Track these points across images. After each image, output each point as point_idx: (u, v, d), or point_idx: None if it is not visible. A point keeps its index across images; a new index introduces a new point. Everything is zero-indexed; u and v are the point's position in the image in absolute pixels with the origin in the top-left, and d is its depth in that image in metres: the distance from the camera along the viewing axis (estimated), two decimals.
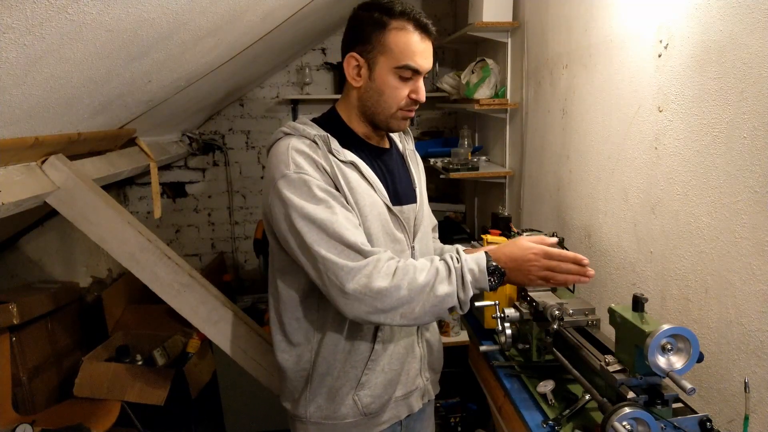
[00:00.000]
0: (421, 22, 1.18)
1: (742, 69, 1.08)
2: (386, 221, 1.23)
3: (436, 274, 1.10)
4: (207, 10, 1.42)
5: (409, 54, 1.17)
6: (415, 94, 1.22)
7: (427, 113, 3.60)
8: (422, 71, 1.21)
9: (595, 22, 1.67)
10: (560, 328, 1.33)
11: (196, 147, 3.36)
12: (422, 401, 1.40)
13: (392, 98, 1.21)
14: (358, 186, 1.19)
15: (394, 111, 1.23)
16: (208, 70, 2.06)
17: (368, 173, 1.23)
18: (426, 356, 1.39)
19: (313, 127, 1.23)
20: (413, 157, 1.43)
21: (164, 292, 1.71)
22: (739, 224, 1.11)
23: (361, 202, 1.19)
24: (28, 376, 2.25)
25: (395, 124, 1.25)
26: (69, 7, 0.96)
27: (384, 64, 1.19)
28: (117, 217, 1.65)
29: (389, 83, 1.20)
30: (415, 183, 1.37)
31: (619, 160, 1.56)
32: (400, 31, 1.17)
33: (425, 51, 1.20)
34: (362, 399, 1.27)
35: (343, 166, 1.19)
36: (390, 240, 1.24)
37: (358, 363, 1.26)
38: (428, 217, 1.42)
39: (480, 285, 1.12)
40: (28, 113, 1.30)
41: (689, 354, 1.00)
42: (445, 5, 3.48)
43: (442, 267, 1.12)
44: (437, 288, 1.09)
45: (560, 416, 1.23)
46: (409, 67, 1.18)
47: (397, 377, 1.30)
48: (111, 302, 2.69)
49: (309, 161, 1.15)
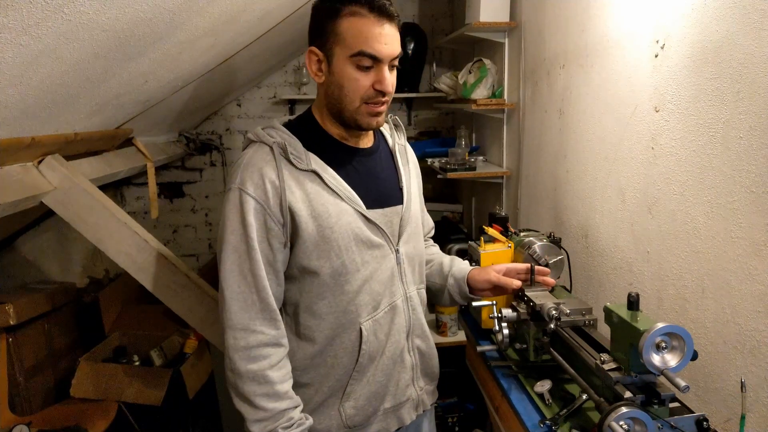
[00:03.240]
0: (376, 3, 1.08)
1: (738, 69, 1.09)
2: (359, 228, 1.17)
3: (255, 411, 1.11)
4: (204, 10, 1.42)
5: (362, 40, 1.08)
6: (379, 85, 1.11)
7: (425, 113, 3.60)
8: (382, 57, 1.10)
9: (592, 22, 1.68)
10: (557, 328, 1.33)
11: (194, 147, 3.36)
12: (415, 413, 1.33)
13: (353, 91, 1.12)
14: (319, 195, 1.14)
15: (357, 105, 1.13)
16: (205, 70, 2.06)
17: (332, 181, 1.16)
18: (418, 364, 1.32)
19: (278, 133, 1.16)
20: (403, 153, 1.34)
21: (161, 293, 1.71)
22: (736, 224, 1.12)
23: (323, 212, 1.13)
24: (25, 377, 2.24)
25: (363, 120, 1.16)
26: (65, 7, 0.96)
27: (340, 54, 1.10)
28: (114, 218, 1.65)
29: (348, 74, 1.11)
30: (402, 182, 1.29)
31: (615, 160, 1.56)
32: (353, 17, 1.08)
33: (383, 35, 1.09)
34: (346, 410, 1.22)
35: (301, 175, 1.13)
36: (366, 247, 1.19)
37: (343, 375, 1.21)
38: (417, 217, 1.33)
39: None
40: (24, 113, 1.29)
41: (683, 352, 1.00)
42: (443, 5, 3.48)
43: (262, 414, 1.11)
44: (241, 398, 1.12)
45: (557, 416, 1.23)
46: (364, 53, 1.08)
47: (383, 389, 1.25)
48: (108, 303, 2.68)
49: (257, 176, 1.11)
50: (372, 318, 1.21)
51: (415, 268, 1.31)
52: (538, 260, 1.54)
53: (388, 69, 1.12)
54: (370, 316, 1.20)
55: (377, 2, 1.08)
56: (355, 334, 1.20)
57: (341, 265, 1.16)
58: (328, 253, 1.15)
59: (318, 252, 1.15)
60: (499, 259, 1.72)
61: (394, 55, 1.12)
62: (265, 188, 1.10)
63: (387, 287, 1.23)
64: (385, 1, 1.09)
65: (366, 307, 1.20)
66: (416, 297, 1.31)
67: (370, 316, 1.20)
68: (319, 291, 1.18)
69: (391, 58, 1.12)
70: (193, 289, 1.71)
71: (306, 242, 1.14)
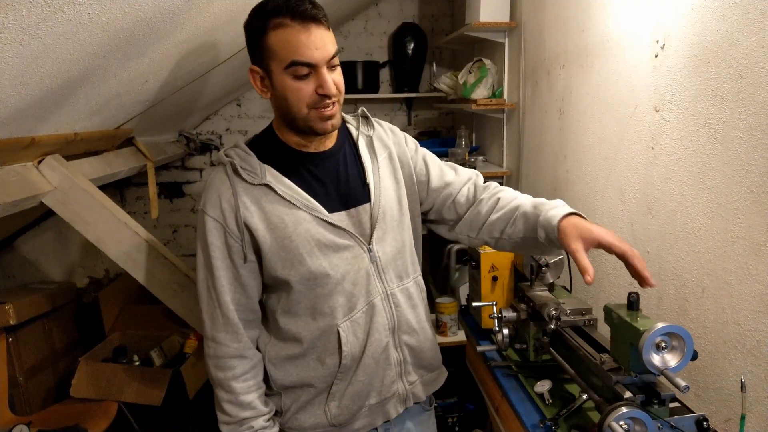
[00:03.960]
0: (297, 9, 1.06)
1: (738, 69, 1.09)
2: (320, 233, 1.17)
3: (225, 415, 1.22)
4: (204, 10, 1.42)
5: (292, 50, 1.07)
6: (321, 89, 1.10)
7: (425, 113, 3.60)
8: (315, 62, 1.08)
9: (592, 22, 1.68)
10: (557, 328, 1.33)
11: (194, 147, 3.36)
12: (402, 406, 1.31)
13: (297, 100, 1.11)
14: (274, 208, 1.16)
15: (306, 112, 1.13)
16: (206, 70, 2.06)
17: (286, 191, 1.16)
18: (408, 360, 1.29)
19: (235, 151, 1.19)
20: (372, 145, 1.29)
21: (161, 293, 1.71)
22: (736, 224, 1.12)
23: (279, 224, 1.15)
24: (25, 377, 2.24)
25: (317, 125, 1.15)
26: (65, 7, 0.96)
27: (276, 68, 1.10)
28: (114, 218, 1.65)
29: (288, 86, 1.10)
30: (368, 179, 1.24)
31: (615, 160, 1.56)
32: (278, 29, 1.07)
33: (312, 41, 1.07)
34: (331, 410, 1.24)
35: (255, 190, 1.16)
36: (332, 251, 1.18)
37: (328, 376, 1.23)
38: (392, 209, 1.27)
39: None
40: (24, 113, 1.29)
41: (683, 352, 1.00)
42: (443, 5, 3.48)
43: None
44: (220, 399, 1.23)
45: (557, 416, 1.24)
46: (296, 62, 1.07)
47: (367, 387, 1.25)
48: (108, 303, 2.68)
49: (215, 197, 1.16)
50: (349, 319, 1.22)
51: (398, 263, 1.28)
52: (539, 260, 1.54)
53: (326, 71, 1.11)
54: (347, 317, 1.21)
55: (298, 9, 1.06)
56: (333, 336, 1.21)
57: (308, 272, 1.18)
58: (291, 261, 1.17)
59: (282, 262, 1.17)
60: (498, 259, 1.72)
61: (329, 56, 1.10)
62: (221, 207, 1.16)
63: (362, 287, 1.22)
64: (307, 6, 1.08)
65: (342, 308, 1.21)
66: (401, 294, 1.27)
67: (347, 317, 1.21)
68: (294, 297, 1.20)
69: (327, 60, 1.10)
70: (193, 289, 1.70)
71: (268, 254, 1.17)
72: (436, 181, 1.34)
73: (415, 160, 1.35)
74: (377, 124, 1.34)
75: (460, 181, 1.36)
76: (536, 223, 1.20)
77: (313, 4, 1.09)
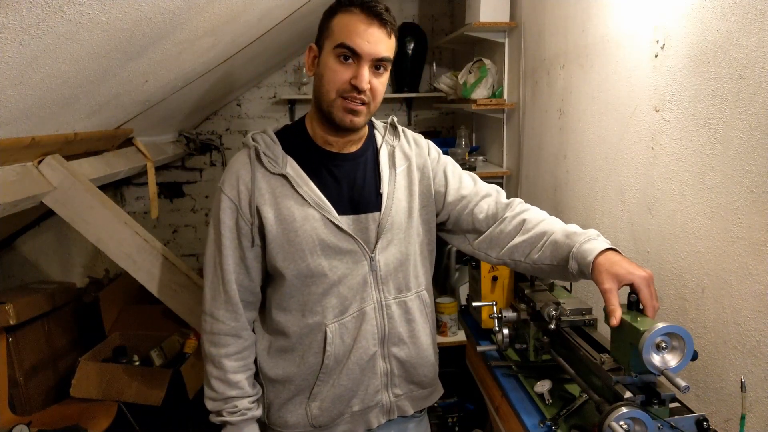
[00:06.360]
0: (369, 5, 1.12)
1: (738, 69, 1.09)
2: (325, 234, 1.19)
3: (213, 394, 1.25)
4: (204, 10, 1.42)
5: (346, 33, 1.12)
6: (355, 80, 1.13)
7: (425, 113, 3.60)
8: (361, 53, 1.12)
9: (592, 22, 1.68)
10: (557, 328, 1.33)
11: (194, 147, 3.36)
12: (385, 417, 1.31)
13: (330, 81, 1.14)
14: (286, 199, 1.18)
15: (333, 97, 1.15)
16: (205, 70, 2.06)
17: (302, 186, 1.18)
18: (395, 372, 1.29)
19: (261, 137, 1.22)
20: (394, 156, 1.29)
21: (161, 293, 1.71)
22: (736, 224, 1.12)
23: (288, 216, 1.17)
24: (25, 377, 2.24)
25: (338, 114, 1.16)
26: (65, 7, 0.96)
27: (327, 47, 1.15)
28: (114, 218, 1.65)
29: (329, 65, 1.14)
30: (382, 188, 1.25)
31: (615, 160, 1.56)
32: (345, 14, 1.14)
33: (368, 34, 1.12)
34: (312, 411, 1.25)
35: (273, 179, 1.19)
36: (333, 253, 1.20)
37: (310, 375, 1.24)
38: (401, 223, 1.27)
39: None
40: (24, 113, 1.29)
41: (684, 352, 1.00)
42: (443, 5, 3.48)
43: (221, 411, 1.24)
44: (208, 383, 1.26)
45: (557, 416, 1.24)
46: (344, 45, 1.11)
47: (350, 393, 1.25)
48: (108, 303, 2.68)
49: (234, 178, 1.20)
50: (338, 321, 1.22)
51: (399, 275, 1.27)
52: None
53: (368, 68, 1.14)
54: (336, 319, 1.22)
55: (371, 4, 1.13)
56: (321, 335, 1.22)
57: (306, 268, 1.20)
58: (293, 255, 1.19)
59: (283, 254, 1.20)
60: None
61: (376, 55, 1.13)
62: (238, 189, 1.19)
63: (357, 293, 1.23)
64: (380, 7, 1.13)
65: (333, 310, 1.22)
66: (396, 306, 1.26)
67: (336, 319, 1.22)
68: (287, 290, 1.23)
69: (372, 58, 1.13)
70: (193, 289, 1.71)
71: (272, 243, 1.19)
72: (453, 193, 1.35)
73: (436, 171, 1.36)
74: (402, 135, 1.35)
75: (478, 193, 1.36)
76: (569, 254, 1.16)
77: (387, 10, 1.15)
